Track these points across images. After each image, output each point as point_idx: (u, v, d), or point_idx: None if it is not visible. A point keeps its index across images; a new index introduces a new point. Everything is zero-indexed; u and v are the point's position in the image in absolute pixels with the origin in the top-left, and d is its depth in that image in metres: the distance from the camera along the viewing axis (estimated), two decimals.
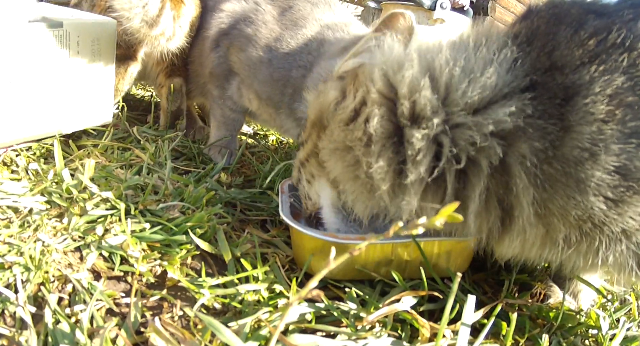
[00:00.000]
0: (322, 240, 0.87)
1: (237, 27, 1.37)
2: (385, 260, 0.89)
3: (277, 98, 1.30)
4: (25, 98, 1.18)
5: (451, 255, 0.90)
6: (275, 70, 1.28)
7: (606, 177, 0.68)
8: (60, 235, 0.87)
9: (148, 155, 1.22)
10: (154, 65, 1.51)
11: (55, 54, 1.20)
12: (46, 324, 0.68)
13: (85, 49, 1.26)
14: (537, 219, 0.75)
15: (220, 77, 1.43)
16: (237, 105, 1.45)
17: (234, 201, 1.13)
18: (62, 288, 0.77)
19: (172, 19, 1.35)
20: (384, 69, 0.81)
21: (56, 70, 1.22)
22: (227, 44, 1.39)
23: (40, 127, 1.23)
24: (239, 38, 1.36)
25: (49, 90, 1.22)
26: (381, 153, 0.78)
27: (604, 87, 0.69)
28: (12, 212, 0.93)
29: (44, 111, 1.22)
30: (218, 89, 1.46)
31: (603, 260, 0.75)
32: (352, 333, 0.75)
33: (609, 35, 0.72)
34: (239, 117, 1.49)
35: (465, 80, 0.74)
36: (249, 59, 1.33)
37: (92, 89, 1.32)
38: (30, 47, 1.15)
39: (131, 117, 1.65)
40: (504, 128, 0.72)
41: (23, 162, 1.13)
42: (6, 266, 0.77)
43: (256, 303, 0.81)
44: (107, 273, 0.82)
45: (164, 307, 0.78)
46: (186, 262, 0.89)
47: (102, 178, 1.07)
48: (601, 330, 0.88)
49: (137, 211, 0.96)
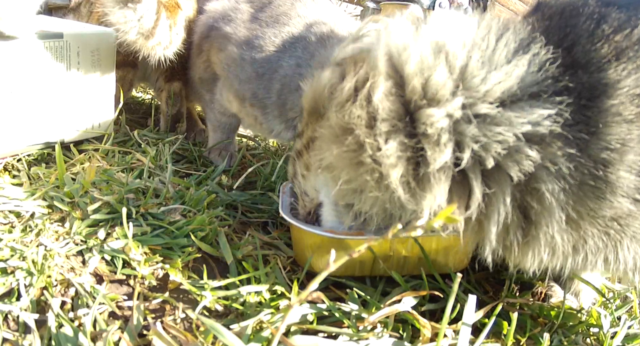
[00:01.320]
0: (320, 236, 0.87)
1: (216, 27, 1.33)
2: (383, 256, 0.89)
3: (262, 95, 1.23)
4: (25, 108, 1.19)
5: (450, 251, 0.90)
6: (260, 66, 1.22)
7: (634, 178, 0.66)
8: (62, 239, 0.87)
9: (149, 158, 1.22)
10: (154, 70, 1.51)
11: (56, 64, 1.21)
12: (49, 328, 0.69)
13: (86, 59, 1.28)
14: (567, 225, 0.70)
15: (209, 82, 1.41)
16: (225, 108, 1.41)
17: (235, 203, 1.14)
18: (64, 292, 0.77)
19: (168, 28, 1.35)
20: (387, 49, 0.73)
21: (57, 80, 1.23)
22: (208, 47, 1.36)
23: (41, 137, 1.25)
24: (218, 38, 1.32)
25: (49, 100, 1.23)
26: (390, 134, 0.70)
27: (632, 86, 0.66)
28: (14, 217, 0.93)
29: (45, 121, 1.24)
30: (208, 94, 1.44)
31: (622, 262, 0.73)
32: (354, 333, 0.76)
33: (634, 30, 0.68)
34: (231, 120, 1.46)
35: (484, 67, 0.67)
36: (228, 58, 1.28)
37: (92, 99, 1.33)
38: (31, 58, 1.16)
39: (131, 120, 1.65)
40: (538, 132, 0.66)
41: (24, 167, 1.14)
42: (9, 271, 0.78)
43: (258, 305, 0.81)
44: (110, 276, 0.82)
45: (166, 310, 0.79)
46: (188, 265, 0.89)
47: (103, 182, 1.07)
48: (602, 328, 0.88)
49: (139, 214, 0.97)
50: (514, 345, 0.84)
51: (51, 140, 1.26)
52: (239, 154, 1.45)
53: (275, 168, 1.34)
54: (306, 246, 0.91)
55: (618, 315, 0.93)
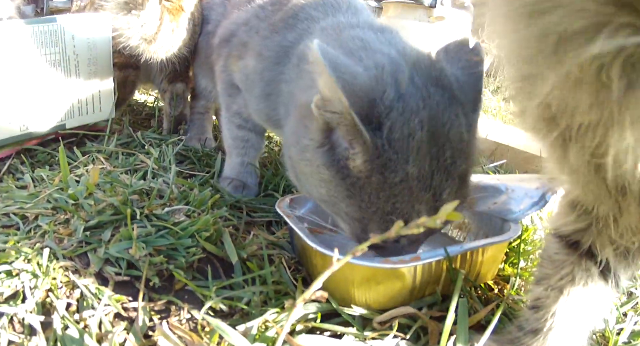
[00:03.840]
0: (372, 268, 0.78)
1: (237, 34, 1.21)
2: (435, 278, 0.83)
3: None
4: (22, 94, 1.22)
5: (496, 260, 0.90)
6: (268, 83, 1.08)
7: None
8: (67, 241, 0.88)
9: (152, 159, 1.23)
10: (157, 71, 1.52)
11: (51, 48, 1.24)
12: (55, 330, 0.69)
13: (81, 42, 1.31)
14: None
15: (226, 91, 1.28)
16: (244, 120, 1.24)
17: (239, 204, 1.14)
18: (70, 294, 0.78)
19: (170, 32, 1.35)
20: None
21: (53, 64, 1.27)
22: (227, 53, 1.23)
23: (41, 123, 1.26)
24: (237, 46, 1.19)
25: (48, 85, 1.27)
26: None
27: None
28: (19, 219, 0.93)
29: (44, 106, 1.26)
30: (224, 105, 1.30)
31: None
32: (359, 333, 0.76)
33: None
34: (249, 134, 1.26)
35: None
36: (245, 68, 1.14)
37: (91, 83, 1.37)
38: (24, 44, 1.19)
39: (134, 121, 1.65)
40: None
41: (28, 169, 1.14)
42: (14, 273, 0.78)
43: (263, 305, 0.81)
44: (115, 278, 0.82)
45: (171, 310, 0.79)
46: (193, 265, 0.89)
47: (107, 183, 1.07)
48: (608, 324, 0.88)
49: (143, 216, 0.97)
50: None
51: (51, 124, 1.30)
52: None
53: (280, 169, 1.34)
54: (350, 280, 0.81)
55: (624, 311, 0.93)
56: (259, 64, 1.09)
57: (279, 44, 1.05)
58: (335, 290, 0.81)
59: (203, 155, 1.43)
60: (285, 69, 1.03)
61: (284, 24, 1.07)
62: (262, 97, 1.09)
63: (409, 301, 0.83)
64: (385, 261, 0.77)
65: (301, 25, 1.04)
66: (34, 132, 1.27)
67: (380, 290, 0.81)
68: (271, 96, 1.07)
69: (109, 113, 1.43)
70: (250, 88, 1.13)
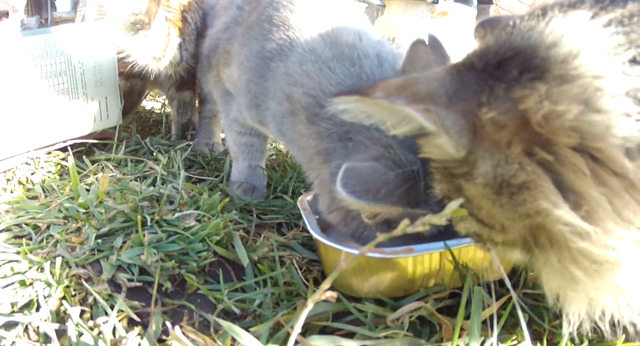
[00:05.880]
0: (366, 257, 0.79)
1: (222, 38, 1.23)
2: (435, 271, 0.83)
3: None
4: (28, 104, 1.24)
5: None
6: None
7: None
8: (79, 249, 0.88)
9: (161, 165, 1.23)
10: (165, 80, 1.52)
11: (55, 57, 1.27)
12: (69, 337, 0.70)
13: (86, 51, 1.33)
14: None
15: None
16: (244, 126, 1.25)
17: (249, 207, 1.14)
18: (83, 301, 0.78)
19: (177, 46, 1.35)
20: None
21: (59, 74, 1.29)
22: (216, 62, 1.26)
23: (48, 135, 1.28)
24: (223, 54, 1.21)
25: (54, 94, 1.29)
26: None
27: None
28: (31, 229, 0.94)
29: (51, 117, 1.28)
30: (223, 113, 1.32)
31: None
32: (371, 331, 0.76)
33: None
34: (251, 140, 1.26)
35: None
36: (231, 76, 1.16)
37: (97, 91, 1.38)
38: (27, 55, 1.21)
39: (142, 129, 1.66)
40: None
41: (39, 179, 1.15)
42: (27, 283, 0.79)
43: (275, 306, 0.81)
44: (127, 284, 0.83)
45: (184, 314, 0.80)
46: (204, 269, 0.90)
47: (117, 191, 1.08)
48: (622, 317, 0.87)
49: (154, 222, 0.97)
50: (534, 335, 0.83)
51: (59, 134, 1.33)
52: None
53: (288, 170, 1.34)
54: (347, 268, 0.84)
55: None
56: (243, 74, 1.10)
57: (259, 55, 1.05)
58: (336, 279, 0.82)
59: (211, 159, 1.43)
60: (270, 86, 1.03)
61: (260, 30, 1.06)
62: (252, 107, 1.10)
63: (410, 292, 0.84)
64: (378, 251, 0.78)
65: (277, 33, 1.02)
66: (41, 142, 1.28)
67: (374, 280, 0.82)
68: (260, 107, 1.08)
69: (117, 121, 1.44)
70: (239, 97, 1.15)
